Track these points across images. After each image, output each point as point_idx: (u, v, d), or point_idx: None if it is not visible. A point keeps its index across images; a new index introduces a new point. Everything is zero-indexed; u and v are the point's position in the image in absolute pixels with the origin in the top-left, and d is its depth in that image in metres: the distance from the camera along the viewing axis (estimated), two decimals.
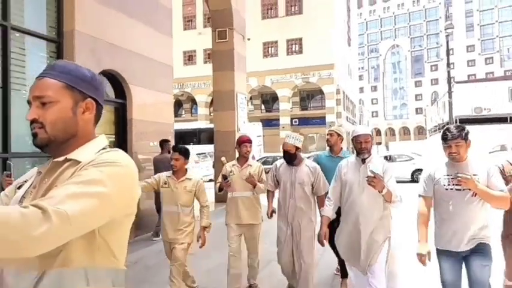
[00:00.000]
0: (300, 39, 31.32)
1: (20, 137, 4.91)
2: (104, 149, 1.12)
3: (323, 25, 29.87)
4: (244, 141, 4.02)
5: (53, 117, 1.06)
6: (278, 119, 32.07)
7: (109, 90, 6.51)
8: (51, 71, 1.10)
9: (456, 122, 31.83)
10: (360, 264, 3.01)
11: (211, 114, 34.39)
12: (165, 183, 3.56)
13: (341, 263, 4.16)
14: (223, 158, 5.23)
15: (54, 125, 1.06)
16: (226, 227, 4.06)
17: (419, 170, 14.78)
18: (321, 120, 32.13)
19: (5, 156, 4.66)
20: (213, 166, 12.06)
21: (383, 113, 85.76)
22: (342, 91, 34.14)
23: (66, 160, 1.07)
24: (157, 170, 5.86)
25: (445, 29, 21.23)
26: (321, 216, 3.32)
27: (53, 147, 1.08)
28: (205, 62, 33.06)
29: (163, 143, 6.92)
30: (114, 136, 6.68)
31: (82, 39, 5.55)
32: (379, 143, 66.94)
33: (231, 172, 3.99)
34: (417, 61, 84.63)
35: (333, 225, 3.43)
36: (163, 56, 7.66)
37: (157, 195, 4.98)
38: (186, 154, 3.57)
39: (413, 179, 15.08)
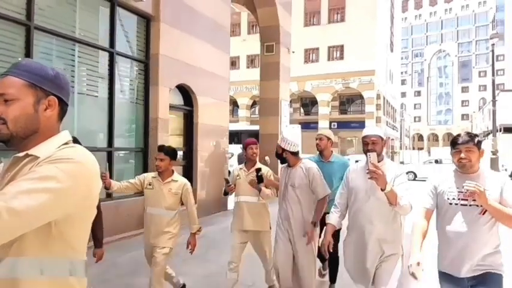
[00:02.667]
0: (342, 46, 32.06)
1: None
2: (66, 144, 1.15)
3: (365, 32, 30.45)
4: (249, 144, 3.86)
5: (14, 114, 1.08)
6: (317, 122, 32.92)
7: (180, 100, 8.01)
8: (15, 69, 1.12)
9: (500, 131, 31.18)
10: (365, 282, 2.70)
11: (251, 116, 35.89)
12: (150, 184, 3.38)
13: (329, 264, 4.08)
14: (267, 158, 6.40)
15: (15, 122, 1.09)
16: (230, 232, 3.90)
17: None
18: (360, 124, 32.58)
19: None
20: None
21: (426, 118, 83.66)
22: (382, 96, 34.43)
23: (27, 155, 1.10)
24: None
25: (490, 38, 21.28)
26: (326, 223, 2.97)
27: (15, 142, 1.10)
28: (247, 67, 34.61)
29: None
30: (183, 136, 8.16)
31: (164, 60, 7.05)
32: (421, 148, 65.62)
33: (237, 176, 3.85)
34: (464, 66, 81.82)
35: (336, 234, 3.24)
36: (221, 69, 9.09)
37: None
38: (172, 155, 3.38)
39: None
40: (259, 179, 3.55)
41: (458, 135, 2.32)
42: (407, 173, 19.48)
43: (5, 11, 4.71)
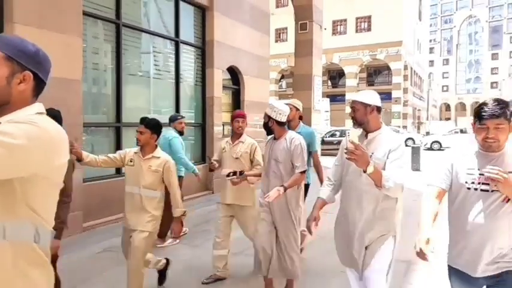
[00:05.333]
0: (369, 17, 31.89)
1: None
2: (39, 114, 1.17)
3: (392, 2, 30.15)
4: (235, 117, 3.70)
5: None
6: (344, 95, 33.32)
7: (229, 80, 8.98)
8: None
9: None
10: (354, 266, 2.39)
11: (279, 90, 36.49)
12: (131, 161, 3.08)
13: None
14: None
15: None
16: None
17: None
18: (387, 96, 32.79)
19: None
20: None
21: (454, 88, 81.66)
22: (409, 67, 34.28)
23: None
24: None
25: None
26: (317, 198, 2.61)
27: None
28: (276, 41, 34.93)
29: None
30: (232, 112, 9.19)
31: (218, 46, 7.98)
32: (448, 119, 64.69)
33: (223, 149, 3.72)
34: (495, 32, 78.47)
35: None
36: (262, 50, 9.94)
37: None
38: (153, 128, 3.03)
39: None
40: (240, 173, 3.38)
41: (485, 103, 1.84)
42: (408, 140, 19.04)
43: (99, 12, 5.73)
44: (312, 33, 13.03)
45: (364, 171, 2.07)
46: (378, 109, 2.33)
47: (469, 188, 1.92)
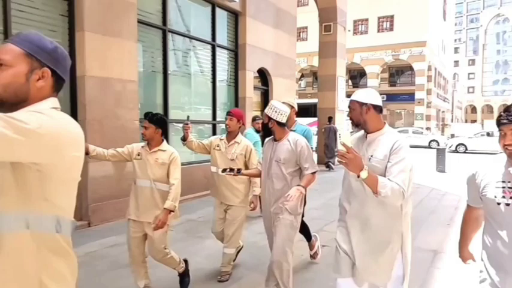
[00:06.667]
0: (392, 17, 31.90)
1: None
2: (54, 108, 1.18)
3: (416, 1, 30.07)
4: (227, 113, 3.64)
5: (5, 81, 1.11)
6: None
7: (259, 81, 9.59)
8: (16, 38, 1.16)
9: None
10: (352, 276, 2.21)
11: (298, 89, 36.84)
12: (138, 155, 3.14)
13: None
14: (323, 129, 7.52)
15: (6, 88, 1.11)
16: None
17: None
18: (409, 97, 32.72)
19: None
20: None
21: (480, 89, 79.87)
22: (433, 68, 34.05)
23: None
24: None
25: None
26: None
27: (5, 107, 1.10)
28: (296, 41, 35.38)
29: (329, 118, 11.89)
30: (260, 112, 9.78)
31: (249, 49, 8.61)
32: (474, 121, 63.46)
33: (217, 146, 3.61)
34: None
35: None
36: (289, 52, 10.51)
37: None
38: (158, 123, 3.09)
39: None
40: (238, 170, 3.20)
41: (506, 109, 1.69)
42: (431, 141, 19.93)
43: (150, 20, 6.42)
44: (336, 34, 13.49)
45: (358, 176, 1.92)
46: (377, 108, 2.17)
47: (498, 203, 1.65)
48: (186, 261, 3.45)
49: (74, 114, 5.19)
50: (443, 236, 5.04)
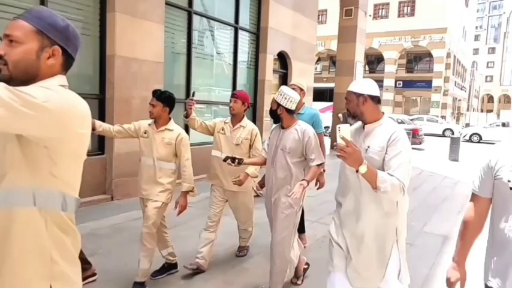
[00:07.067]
0: (413, 1, 31.23)
1: None
2: (61, 86, 1.17)
3: None
4: (231, 95, 3.44)
5: (16, 57, 1.10)
6: (382, 80, 33.05)
7: (278, 65, 9.68)
8: (27, 14, 1.14)
9: None
10: (347, 268, 2.17)
11: (314, 74, 36.56)
12: (145, 133, 3.10)
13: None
14: (340, 114, 7.56)
15: (16, 65, 1.10)
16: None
17: None
18: (426, 84, 32.29)
19: None
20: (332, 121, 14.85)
21: (499, 78, 78.05)
22: (452, 55, 33.44)
23: None
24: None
25: None
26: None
27: (15, 84, 1.06)
28: None
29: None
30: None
31: (271, 32, 8.67)
32: (490, 111, 62.36)
33: (222, 130, 3.44)
34: None
35: None
36: (310, 36, 10.52)
37: None
38: (166, 101, 3.02)
39: None
40: (239, 161, 2.99)
41: None
42: (446, 130, 19.79)
43: (175, 0, 6.54)
44: (357, 19, 13.37)
45: (357, 171, 1.86)
46: (374, 99, 2.12)
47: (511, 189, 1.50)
48: (176, 263, 3.41)
49: (102, 91, 5.41)
50: (454, 223, 5.22)
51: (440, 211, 6.01)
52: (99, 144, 5.51)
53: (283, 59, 9.72)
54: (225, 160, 3.00)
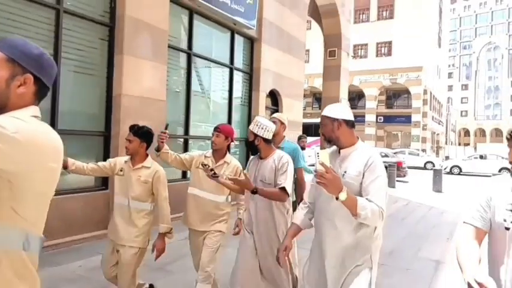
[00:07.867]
0: (390, 43, 33.12)
1: None
2: (34, 116, 1.12)
3: (413, 29, 31.33)
4: (214, 129, 3.15)
5: None
6: (363, 116, 34.22)
7: (270, 102, 10.16)
8: (0, 43, 1.12)
9: None
10: None
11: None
12: (121, 170, 2.93)
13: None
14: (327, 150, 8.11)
15: None
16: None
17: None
18: (406, 119, 33.58)
19: None
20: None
21: (473, 113, 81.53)
22: (429, 92, 35.11)
23: None
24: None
25: None
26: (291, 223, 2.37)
27: None
28: None
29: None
30: None
31: (263, 72, 9.21)
32: (467, 144, 64.61)
33: (206, 165, 2.93)
34: None
35: None
36: (298, 75, 11.13)
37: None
38: (143, 136, 2.87)
39: None
40: (214, 174, 2.82)
41: None
42: (427, 163, 22.69)
43: (176, 44, 6.99)
44: (340, 59, 14.24)
45: (337, 198, 1.81)
46: (349, 123, 2.10)
47: (507, 228, 1.48)
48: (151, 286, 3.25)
49: (107, 129, 5.67)
50: (445, 248, 5.55)
51: (430, 238, 6.34)
52: (103, 179, 5.69)
53: (274, 96, 10.22)
54: (202, 166, 2.88)
